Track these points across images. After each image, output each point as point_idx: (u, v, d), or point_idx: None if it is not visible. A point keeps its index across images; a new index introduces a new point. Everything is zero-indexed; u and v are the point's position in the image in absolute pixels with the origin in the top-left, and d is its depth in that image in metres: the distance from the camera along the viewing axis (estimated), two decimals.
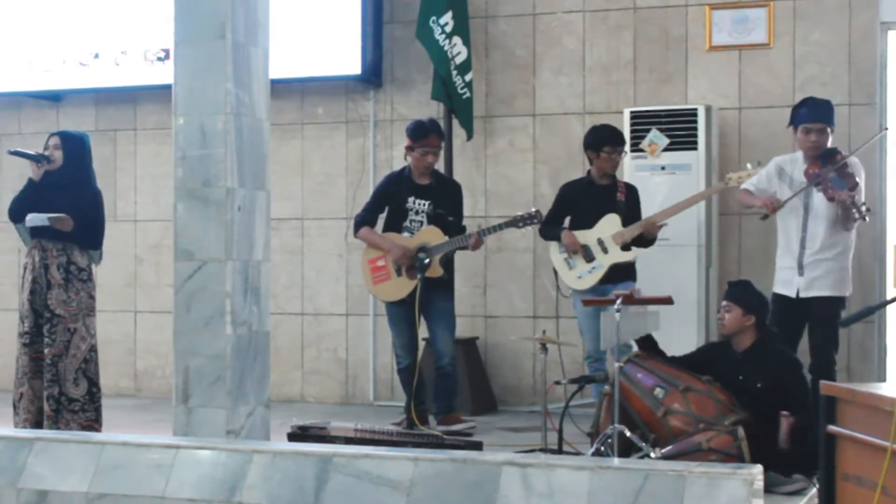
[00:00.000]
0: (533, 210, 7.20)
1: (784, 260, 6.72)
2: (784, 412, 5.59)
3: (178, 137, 5.23)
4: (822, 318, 6.52)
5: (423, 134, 7.23)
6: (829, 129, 6.63)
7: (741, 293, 5.91)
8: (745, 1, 7.99)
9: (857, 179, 6.53)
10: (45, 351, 6.40)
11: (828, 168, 6.52)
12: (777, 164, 6.82)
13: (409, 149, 7.30)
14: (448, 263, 7.31)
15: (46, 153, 6.55)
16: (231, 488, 4.11)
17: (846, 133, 7.68)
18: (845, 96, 7.74)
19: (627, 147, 7.42)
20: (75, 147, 6.62)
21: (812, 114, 6.61)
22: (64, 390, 6.39)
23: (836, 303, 6.61)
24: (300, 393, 9.00)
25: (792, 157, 6.83)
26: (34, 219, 6.39)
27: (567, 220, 7.23)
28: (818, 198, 6.57)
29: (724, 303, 5.92)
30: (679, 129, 7.71)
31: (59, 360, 6.38)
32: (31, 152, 6.61)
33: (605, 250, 7.04)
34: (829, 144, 6.66)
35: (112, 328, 9.31)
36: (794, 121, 6.71)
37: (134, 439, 4.47)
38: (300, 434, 5.87)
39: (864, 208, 6.45)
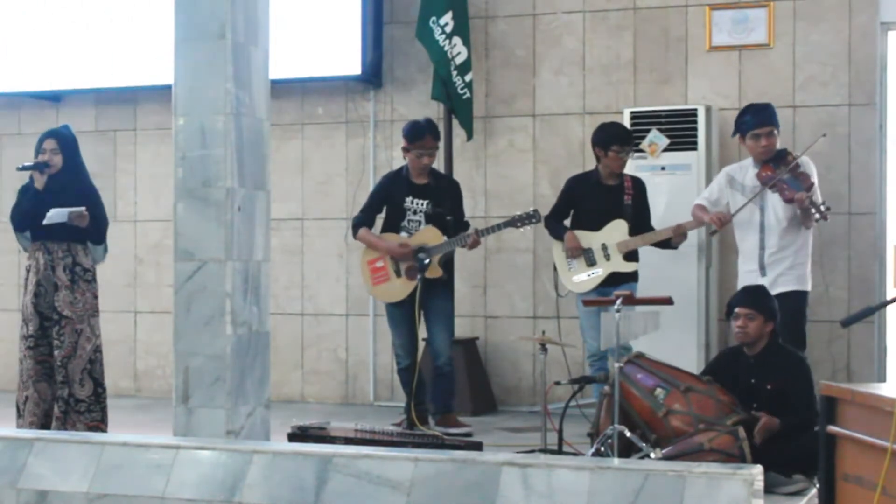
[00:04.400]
0: (531, 210, 7.19)
1: (746, 264, 6.76)
2: (762, 413, 5.59)
3: (178, 137, 5.23)
4: (788, 313, 6.50)
5: (419, 135, 7.22)
6: (775, 132, 6.70)
7: (762, 301, 5.85)
8: (745, 1, 7.99)
9: (812, 179, 6.57)
10: (55, 353, 6.41)
11: (781, 170, 6.55)
12: (727, 174, 6.87)
13: (406, 150, 7.31)
14: (448, 264, 7.31)
15: (45, 158, 6.54)
16: (231, 488, 4.11)
17: (846, 133, 7.68)
18: (845, 96, 7.74)
19: None
20: (71, 146, 6.63)
21: (757, 119, 6.68)
22: (71, 391, 6.41)
23: (801, 297, 6.66)
24: (300, 393, 9.00)
25: (741, 164, 6.90)
26: (54, 215, 6.38)
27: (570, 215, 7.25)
28: (773, 198, 6.61)
29: (744, 310, 5.79)
30: (679, 129, 7.71)
31: (69, 362, 6.39)
32: (33, 163, 6.58)
33: (607, 257, 7.03)
34: (778, 146, 6.71)
35: (112, 328, 9.30)
36: (740, 129, 6.75)
37: (134, 439, 4.47)
38: (300, 434, 5.87)
39: (823, 207, 6.48)
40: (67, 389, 6.39)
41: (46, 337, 6.47)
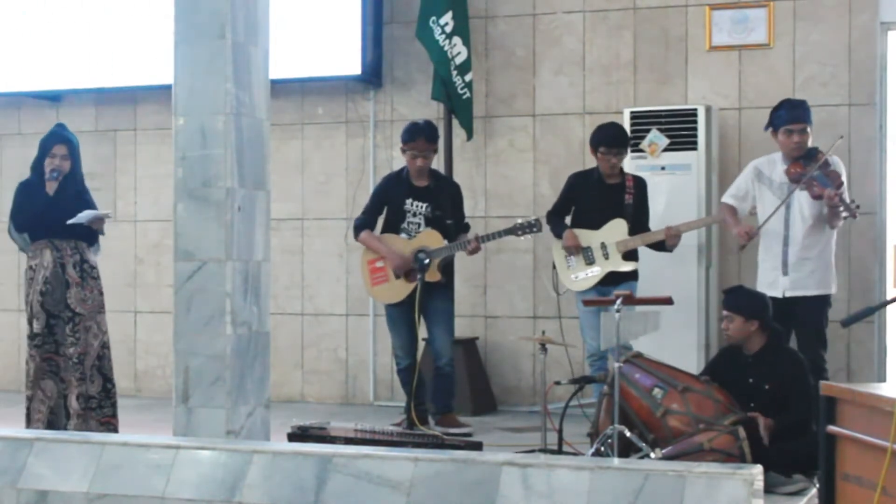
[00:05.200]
0: (532, 219, 7.16)
1: (767, 260, 6.72)
2: (755, 413, 5.60)
3: (178, 137, 5.23)
4: (809, 317, 6.52)
5: (413, 136, 7.24)
6: (809, 129, 6.66)
7: (738, 300, 5.88)
8: (745, 1, 7.99)
9: (842, 178, 6.56)
10: (71, 350, 6.44)
11: (811, 166, 6.53)
12: (755, 168, 6.82)
13: (403, 151, 7.33)
14: (448, 265, 7.31)
15: (56, 164, 6.57)
16: (231, 488, 4.11)
17: (846, 133, 7.67)
18: (845, 96, 7.74)
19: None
20: (77, 152, 6.71)
21: (792, 115, 6.64)
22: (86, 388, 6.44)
23: (822, 301, 6.63)
24: (300, 393, 9.00)
25: (769, 158, 6.84)
26: (83, 216, 6.45)
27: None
28: (800, 196, 6.59)
29: (723, 312, 5.90)
30: (679, 129, 7.71)
31: (86, 358, 6.43)
32: (51, 173, 6.58)
33: (606, 256, 7.02)
34: (810, 143, 6.69)
35: (112, 328, 9.19)
36: (773, 124, 6.71)
37: (134, 439, 4.47)
38: (300, 434, 5.87)
39: (853, 205, 6.47)
40: (85, 386, 6.42)
41: (52, 335, 6.47)
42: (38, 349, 6.48)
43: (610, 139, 7.04)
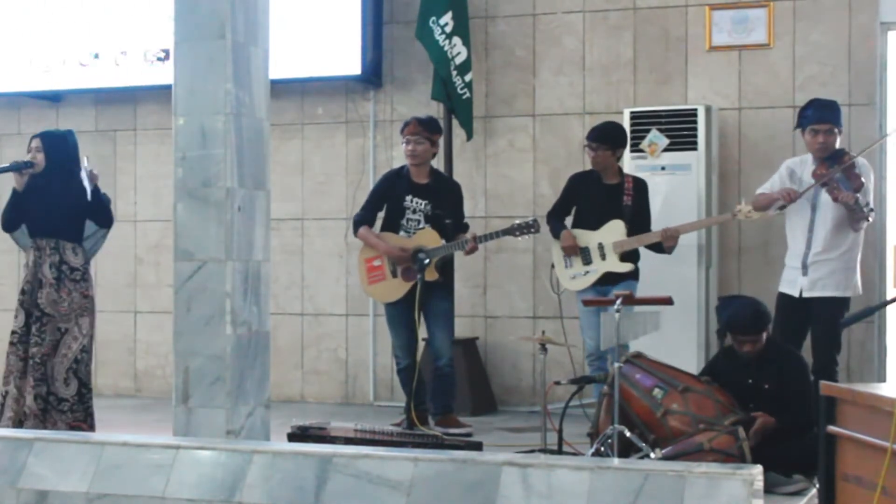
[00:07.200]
0: (531, 219, 7.16)
1: (791, 260, 6.74)
2: (759, 413, 5.59)
3: (178, 137, 5.23)
4: (825, 318, 6.52)
5: (405, 124, 7.33)
6: (836, 130, 6.64)
7: (760, 324, 5.76)
8: (745, 1, 7.99)
9: (863, 180, 6.55)
10: (34, 350, 6.33)
11: (834, 168, 6.53)
12: (788, 167, 6.84)
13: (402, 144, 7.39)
14: (447, 265, 7.31)
15: (28, 156, 6.51)
16: (231, 488, 4.11)
17: (846, 133, 7.67)
18: (845, 96, 7.73)
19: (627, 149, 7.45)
20: (57, 146, 6.55)
21: (818, 115, 6.62)
22: (53, 389, 6.32)
23: (839, 303, 6.61)
24: (300, 393, 9.00)
25: (802, 158, 6.85)
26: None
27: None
28: (825, 198, 6.58)
29: (748, 337, 5.76)
30: (679, 129, 7.71)
31: (48, 360, 6.33)
32: (10, 164, 6.54)
33: (602, 256, 7.03)
34: (837, 145, 6.67)
35: (112, 328, 9.30)
36: (801, 123, 6.71)
37: (134, 439, 4.47)
38: (300, 434, 5.87)
39: (867, 209, 6.46)
40: (46, 387, 6.30)
41: (29, 334, 6.41)
42: (15, 346, 6.43)
43: (597, 135, 7.07)
